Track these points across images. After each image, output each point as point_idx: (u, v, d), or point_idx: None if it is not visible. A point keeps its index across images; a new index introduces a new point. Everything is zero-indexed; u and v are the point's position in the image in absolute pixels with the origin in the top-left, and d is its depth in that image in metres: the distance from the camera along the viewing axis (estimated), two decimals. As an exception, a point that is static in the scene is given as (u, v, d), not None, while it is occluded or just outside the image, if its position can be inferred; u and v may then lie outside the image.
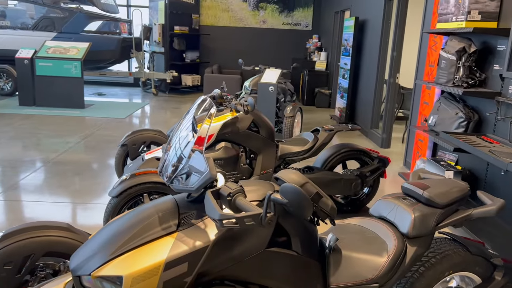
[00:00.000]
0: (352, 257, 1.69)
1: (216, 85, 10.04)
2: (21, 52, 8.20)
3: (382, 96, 6.90)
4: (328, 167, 3.81)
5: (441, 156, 4.42)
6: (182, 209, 1.44)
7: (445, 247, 1.94)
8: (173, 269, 1.29)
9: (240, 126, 3.21)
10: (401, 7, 5.97)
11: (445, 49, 3.84)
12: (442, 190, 1.86)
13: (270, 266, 1.48)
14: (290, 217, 1.52)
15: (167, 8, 10.39)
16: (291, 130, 5.96)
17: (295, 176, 1.56)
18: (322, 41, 11.46)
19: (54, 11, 9.74)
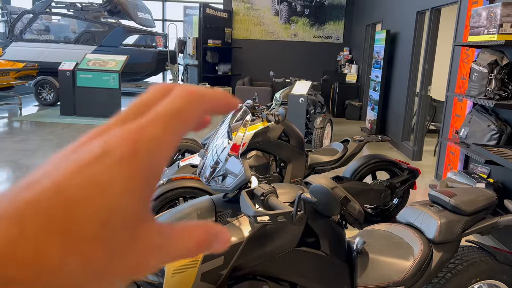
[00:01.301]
0: (379, 260, 1.76)
1: (247, 97, 10.19)
2: (63, 65, 8.63)
3: (413, 108, 6.88)
4: (358, 177, 3.85)
5: (472, 169, 4.38)
6: (219, 208, 1.56)
7: (472, 255, 1.97)
8: (211, 262, 1.41)
9: (271, 135, 3.32)
10: (433, 20, 5.98)
11: (477, 62, 3.85)
12: (469, 198, 1.91)
13: (299, 264, 1.57)
14: (319, 218, 1.61)
15: (201, 22, 10.71)
16: (321, 141, 6.03)
17: (324, 180, 1.66)
18: (353, 54, 11.50)
19: (94, 26, 10.21)
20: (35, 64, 9.51)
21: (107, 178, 0.23)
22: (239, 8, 12.27)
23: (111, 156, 0.23)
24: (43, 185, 0.22)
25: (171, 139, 0.25)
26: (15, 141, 6.48)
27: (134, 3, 10.37)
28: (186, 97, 0.26)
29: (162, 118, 0.25)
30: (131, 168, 0.23)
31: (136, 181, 0.23)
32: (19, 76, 9.06)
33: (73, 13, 10.35)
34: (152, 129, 0.24)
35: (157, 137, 0.24)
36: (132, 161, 0.23)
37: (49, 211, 0.22)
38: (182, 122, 0.26)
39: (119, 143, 0.24)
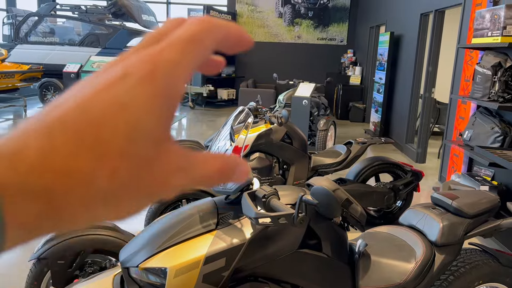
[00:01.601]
0: (381, 262, 1.76)
1: (251, 99, 10.21)
2: (68, 67, 8.69)
3: (417, 110, 6.87)
4: (361, 180, 3.85)
5: (476, 171, 4.37)
6: (221, 210, 1.57)
7: (475, 258, 1.97)
8: (212, 263, 1.41)
9: (274, 137, 3.33)
10: (436, 22, 5.98)
11: (481, 64, 3.84)
12: (471, 201, 1.91)
13: (301, 266, 1.58)
14: (321, 221, 1.61)
15: (205, 24, 10.73)
16: (324, 143, 6.03)
17: (326, 183, 1.66)
18: (357, 56, 11.49)
19: (99, 28, 10.27)
20: (40, 66, 9.57)
21: (128, 97, 0.24)
22: (243, 10, 12.30)
23: (131, 77, 0.25)
24: (70, 105, 0.24)
25: (188, 63, 0.26)
26: (20, 143, 6.52)
27: (138, 6, 10.42)
28: (200, 24, 0.28)
29: (178, 43, 0.26)
30: (151, 88, 0.25)
31: (156, 100, 0.25)
32: (24, 78, 9.12)
33: (78, 16, 10.41)
34: (169, 52, 0.26)
35: (174, 59, 0.26)
36: (151, 81, 0.25)
37: (76, 127, 0.23)
38: (198, 46, 0.27)
39: (139, 65, 0.25)
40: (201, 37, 0.27)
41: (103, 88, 0.24)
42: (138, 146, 0.24)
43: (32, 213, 0.22)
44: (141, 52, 0.26)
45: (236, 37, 0.30)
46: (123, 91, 0.24)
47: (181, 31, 0.27)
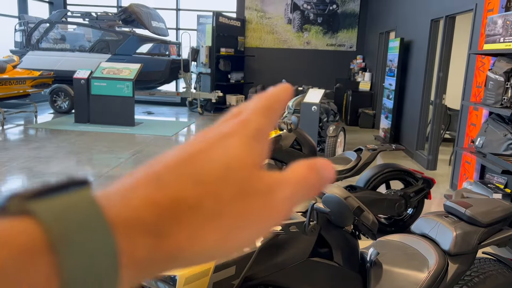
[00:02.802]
0: (392, 271, 1.73)
1: (260, 105, 10.22)
2: (78, 73, 8.76)
3: (428, 117, 6.81)
4: (371, 187, 3.81)
5: (489, 179, 4.31)
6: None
7: (489, 267, 1.93)
8: (222, 272, 1.40)
9: (283, 143, 3.31)
10: (447, 28, 5.94)
11: (493, 70, 3.80)
12: (485, 209, 1.87)
13: (312, 275, 1.55)
14: (332, 229, 1.59)
15: (214, 31, 10.79)
16: (334, 149, 5.99)
17: (337, 190, 1.64)
18: (367, 62, 11.46)
19: (109, 35, 10.36)
20: (50, 72, 9.67)
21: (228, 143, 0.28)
22: (252, 16, 12.34)
23: (230, 133, 0.29)
24: (176, 155, 0.28)
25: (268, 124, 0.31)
26: (30, 148, 6.58)
27: (148, 12, 10.50)
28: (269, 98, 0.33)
29: (258, 111, 0.31)
30: (245, 137, 0.29)
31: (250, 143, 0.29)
32: (35, 84, 9.22)
33: (89, 22, 10.52)
34: (254, 116, 0.31)
35: (259, 121, 0.30)
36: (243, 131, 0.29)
37: (181, 168, 0.26)
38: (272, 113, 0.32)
39: (234, 125, 0.29)
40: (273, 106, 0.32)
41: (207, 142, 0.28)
42: (236, 171, 0.27)
43: (144, 248, 0.23)
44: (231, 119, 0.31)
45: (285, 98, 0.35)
46: (223, 141, 0.28)
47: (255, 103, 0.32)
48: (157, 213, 0.24)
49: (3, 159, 5.93)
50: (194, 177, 0.26)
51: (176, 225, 0.24)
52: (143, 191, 0.24)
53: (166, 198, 0.24)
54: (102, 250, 0.22)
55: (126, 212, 0.23)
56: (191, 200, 0.25)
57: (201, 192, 0.25)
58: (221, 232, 0.26)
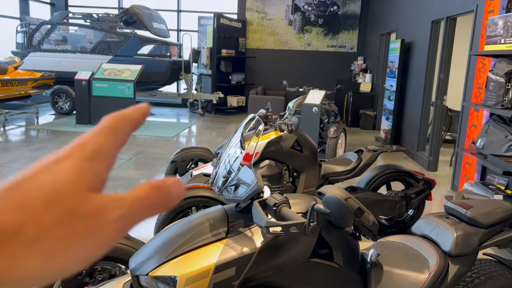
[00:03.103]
0: (393, 273, 1.73)
1: (261, 106, 10.24)
2: (79, 74, 8.77)
3: (428, 118, 6.81)
4: (372, 188, 3.81)
5: (490, 180, 4.30)
6: (231, 218, 1.55)
7: (490, 269, 1.93)
8: (222, 272, 1.40)
9: (284, 145, 3.31)
10: (448, 29, 5.94)
11: (494, 71, 3.80)
12: (486, 210, 1.87)
13: (312, 276, 1.55)
14: (332, 230, 1.59)
15: (215, 32, 10.80)
16: (335, 151, 5.99)
17: (337, 191, 1.64)
18: (367, 63, 11.46)
19: (110, 36, 10.37)
20: (52, 73, 9.68)
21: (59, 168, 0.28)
22: (253, 18, 12.35)
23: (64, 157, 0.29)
24: (3, 185, 0.27)
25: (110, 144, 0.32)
26: (32, 149, 6.59)
27: (150, 14, 10.51)
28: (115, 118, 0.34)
29: (100, 131, 0.32)
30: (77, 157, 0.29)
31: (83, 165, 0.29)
32: (37, 85, 9.23)
33: (90, 24, 10.53)
34: (94, 137, 0.31)
35: (99, 142, 0.31)
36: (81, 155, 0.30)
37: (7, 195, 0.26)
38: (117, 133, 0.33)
39: (70, 148, 0.30)
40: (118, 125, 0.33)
41: (38, 169, 0.28)
42: (61, 195, 0.27)
43: None
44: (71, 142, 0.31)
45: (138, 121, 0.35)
46: (54, 167, 0.28)
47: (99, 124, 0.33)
48: None
49: (5, 160, 5.94)
50: (16, 203, 0.26)
51: None
52: None
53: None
54: None
55: None
56: (11, 226, 0.25)
57: (22, 218, 0.25)
58: (42, 256, 0.26)
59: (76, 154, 0.29)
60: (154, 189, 0.31)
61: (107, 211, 0.28)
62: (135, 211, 0.30)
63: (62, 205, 0.27)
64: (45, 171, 0.28)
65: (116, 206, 0.29)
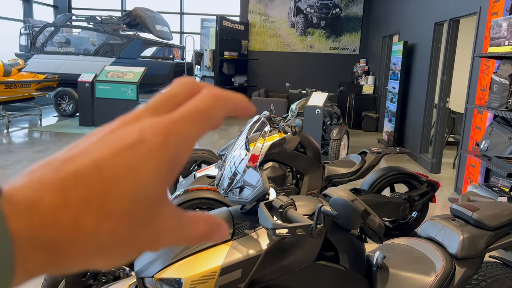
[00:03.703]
0: (399, 275, 1.72)
1: (263, 108, 10.20)
2: (83, 76, 8.79)
3: (431, 120, 6.79)
4: (376, 190, 3.80)
5: (494, 182, 4.29)
6: (236, 220, 1.55)
7: (496, 271, 1.91)
8: (228, 275, 1.39)
9: (287, 146, 3.31)
10: (451, 31, 5.93)
11: (498, 73, 3.79)
12: (492, 212, 1.86)
13: (318, 279, 1.54)
14: (338, 232, 1.58)
15: (218, 34, 10.81)
16: (337, 152, 5.98)
17: (344, 193, 1.63)
18: (370, 65, 11.45)
19: (113, 38, 10.39)
20: (55, 75, 9.71)
21: (140, 162, 0.27)
22: (256, 20, 12.36)
23: (145, 144, 0.27)
24: (85, 161, 0.26)
25: (194, 136, 0.29)
26: (35, 151, 6.60)
27: (152, 16, 10.54)
28: (212, 100, 0.30)
29: (190, 116, 0.28)
30: (160, 157, 0.27)
31: (163, 168, 0.27)
32: (40, 87, 9.25)
33: (93, 26, 10.56)
34: (181, 125, 0.28)
35: (184, 133, 0.28)
36: (162, 151, 0.27)
37: (89, 185, 0.25)
38: (206, 122, 0.29)
39: (153, 133, 0.27)
40: (212, 112, 0.30)
41: (118, 150, 0.27)
42: (139, 208, 0.27)
43: (38, 262, 0.25)
44: (156, 118, 0.28)
45: (241, 109, 0.32)
46: (136, 157, 0.27)
47: (194, 103, 0.29)
48: (57, 234, 0.25)
49: (8, 162, 5.95)
50: (98, 203, 0.26)
51: (70, 246, 0.25)
52: (48, 205, 0.25)
53: (68, 219, 0.25)
54: (1, 258, 0.23)
55: (28, 228, 0.24)
56: (90, 228, 0.25)
57: (101, 222, 0.26)
58: (110, 259, 0.27)
59: (158, 143, 0.27)
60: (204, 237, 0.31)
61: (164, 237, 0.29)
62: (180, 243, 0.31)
63: (138, 220, 0.27)
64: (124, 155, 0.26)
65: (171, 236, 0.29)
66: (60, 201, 0.25)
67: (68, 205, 0.25)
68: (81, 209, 0.25)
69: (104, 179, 0.26)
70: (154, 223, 0.28)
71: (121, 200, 0.26)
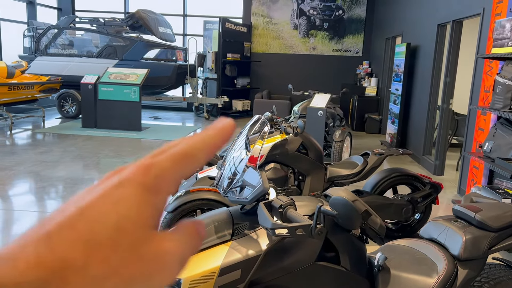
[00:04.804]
0: (401, 277, 1.70)
1: (266, 110, 10.22)
2: (85, 78, 8.81)
3: (435, 122, 6.76)
4: (378, 192, 3.78)
5: (498, 184, 4.26)
6: (236, 220, 1.54)
7: (499, 273, 1.89)
8: (228, 275, 1.38)
9: (289, 148, 3.29)
10: (454, 32, 5.90)
11: (501, 74, 3.76)
12: (495, 214, 1.84)
13: (318, 279, 1.53)
14: (339, 232, 1.57)
15: (221, 36, 10.82)
16: (340, 154, 5.96)
17: (344, 193, 1.62)
18: (373, 67, 11.43)
19: (116, 40, 10.42)
20: (58, 77, 9.74)
21: (120, 195, 0.28)
22: (258, 22, 12.37)
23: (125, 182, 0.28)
24: (70, 210, 0.27)
25: (177, 171, 0.30)
26: (38, 153, 6.61)
27: (155, 18, 10.56)
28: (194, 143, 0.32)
29: (172, 156, 0.30)
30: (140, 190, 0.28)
31: (144, 196, 0.28)
32: (43, 89, 9.28)
33: (96, 28, 10.59)
34: (162, 162, 0.30)
35: (165, 167, 0.30)
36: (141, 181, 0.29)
37: (73, 227, 0.26)
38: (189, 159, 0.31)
39: (134, 168, 0.29)
40: (194, 153, 0.31)
41: (101, 195, 0.28)
42: (126, 235, 0.27)
43: None
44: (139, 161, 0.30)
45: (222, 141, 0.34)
46: (116, 194, 0.28)
47: (177, 147, 0.31)
48: (45, 275, 0.25)
49: (11, 163, 5.96)
50: (83, 236, 0.26)
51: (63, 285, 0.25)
52: (32, 251, 0.25)
53: (55, 259, 0.25)
54: None
55: (14, 275, 0.24)
56: (79, 262, 0.26)
57: (90, 254, 0.26)
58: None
59: (138, 178, 0.29)
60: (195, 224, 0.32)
61: (167, 252, 0.29)
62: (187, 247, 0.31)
63: (128, 245, 0.27)
64: (107, 196, 0.28)
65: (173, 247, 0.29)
66: (44, 245, 0.25)
67: (53, 247, 0.25)
68: (67, 248, 0.26)
69: (88, 219, 0.27)
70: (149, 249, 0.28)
71: (106, 230, 0.27)
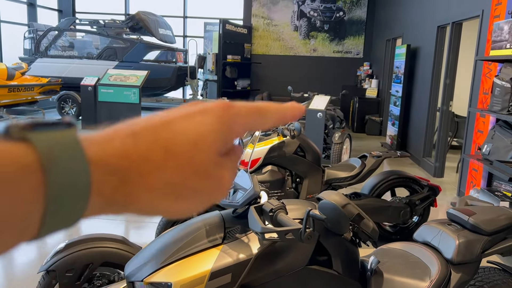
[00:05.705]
0: (393, 281, 1.69)
1: (266, 112, 10.21)
2: (86, 80, 8.82)
3: (435, 124, 6.75)
4: (376, 194, 3.77)
5: (496, 186, 4.24)
6: (228, 224, 1.53)
7: (493, 277, 1.89)
8: (218, 279, 1.38)
9: (286, 150, 3.29)
10: (454, 34, 5.90)
11: (500, 77, 3.76)
12: (489, 217, 1.83)
13: (310, 283, 1.53)
14: (331, 236, 1.56)
15: (221, 38, 10.83)
16: (339, 156, 5.96)
17: (336, 197, 1.62)
18: (373, 69, 11.42)
19: (117, 42, 10.44)
20: (58, 79, 9.75)
21: (203, 120, 0.32)
22: (259, 24, 12.38)
23: (208, 112, 0.33)
24: (155, 120, 0.32)
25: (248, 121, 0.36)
26: (37, 154, 6.61)
27: (156, 20, 10.58)
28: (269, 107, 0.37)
29: (249, 106, 0.36)
30: (219, 120, 0.33)
31: (222, 127, 0.33)
32: (43, 91, 9.30)
33: (96, 30, 10.61)
34: (240, 107, 0.35)
35: (241, 113, 0.35)
36: (220, 117, 0.33)
37: (157, 132, 0.31)
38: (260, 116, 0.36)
39: (215, 106, 0.34)
40: (266, 113, 0.37)
41: (187, 115, 0.33)
42: (201, 152, 0.32)
43: (110, 186, 0.29)
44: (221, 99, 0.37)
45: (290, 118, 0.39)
46: (200, 119, 0.33)
47: (256, 103, 0.37)
48: (126, 163, 0.29)
49: (10, 165, 5.96)
50: (165, 144, 0.30)
51: (139, 177, 0.29)
52: (119, 142, 0.30)
53: (137, 153, 0.29)
54: (80, 176, 0.27)
55: (102, 155, 0.29)
56: (157, 163, 0.30)
57: (167, 160, 0.30)
58: (170, 199, 0.31)
59: (219, 112, 0.33)
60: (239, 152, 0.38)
61: (226, 177, 0.34)
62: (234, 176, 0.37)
63: (199, 161, 0.32)
64: (191, 117, 0.32)
65: (231, 175, 0.35)
66: (130, 140, 0.30)
67: (138, 143, 0.30)
68: (149, 148, 0.30)
69: (172, 130, 0.31)
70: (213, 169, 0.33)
71: (185, 144, 0.31)
